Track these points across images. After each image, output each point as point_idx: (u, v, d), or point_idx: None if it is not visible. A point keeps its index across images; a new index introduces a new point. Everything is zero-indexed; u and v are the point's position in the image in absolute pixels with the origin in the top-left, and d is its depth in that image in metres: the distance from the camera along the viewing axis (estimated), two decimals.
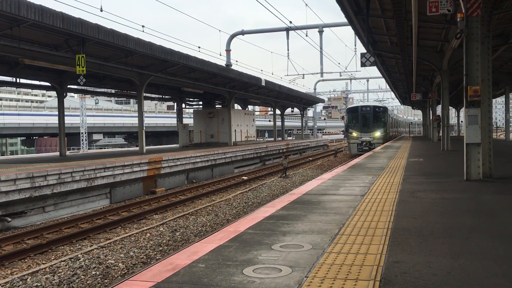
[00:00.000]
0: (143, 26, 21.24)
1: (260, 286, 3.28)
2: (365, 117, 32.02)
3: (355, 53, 36.32)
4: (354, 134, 31.63)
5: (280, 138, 49.86)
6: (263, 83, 30.29)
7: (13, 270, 8.45)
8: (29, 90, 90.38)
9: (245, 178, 22.23)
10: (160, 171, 18.37)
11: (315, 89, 65.19)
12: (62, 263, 8.60)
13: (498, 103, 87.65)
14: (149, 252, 9.39)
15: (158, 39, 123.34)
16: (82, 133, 41.24)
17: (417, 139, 39.55)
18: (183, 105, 34.52)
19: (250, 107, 46.20)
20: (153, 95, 31.54)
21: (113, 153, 24.46)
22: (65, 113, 23.15)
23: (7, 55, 15.69)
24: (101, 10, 16.72)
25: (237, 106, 38.08)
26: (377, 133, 31.51)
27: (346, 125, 33.55)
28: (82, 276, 7.84)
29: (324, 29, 34.91)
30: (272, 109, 45.58)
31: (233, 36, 35.38)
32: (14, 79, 20.90)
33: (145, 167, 17.33)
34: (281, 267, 3.69)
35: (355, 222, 5.42)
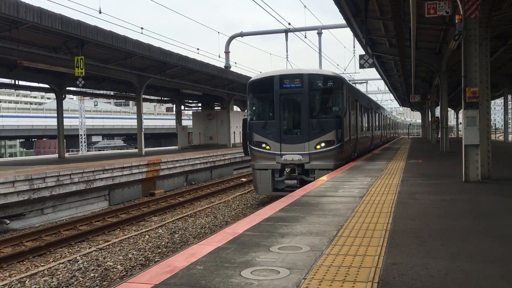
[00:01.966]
0: (142, 28, 21.28)
1: None
2: (292, 104, 13.77)
3: (354, 55, 36.27)
4: (266, 146, 13.47)
5: None
6: None
7: (11, 273, 8.44)
8: (28, 92, 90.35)
9: (244, 180, 22.23)
10: (159, 173, 18.36)
11: None
12: (61, 265, 8.59)
13: (497, 105, 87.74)
14: (148, 254, 9.38)
15: (157, 41, 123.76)
16: (81, 135, 41.23)
17: (416, 141, 39.60)
18: (182, 107, 34.54)
19: None
20: (152, 97, 31.55)
21: (112, 155, 24.44)
22: (64, 115, 23.14)
23: (5, 57, 15.69)
24: (100, 12, 16.70)
25: (236, 108, 38.08)
26: (322, 144, 13.16)
27: (246, 126, 14.09)
28: (80, 279, 7.83)
29: (323, 30, 34.92)
30: None
31: (232, 38, 35.40)
32: (12, 81, 20.91)
33: (144, 169, 17.32)
34: (279, 269, 3.69)
35: (354, 223, 5.42)
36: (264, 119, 13.74)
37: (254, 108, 14.31)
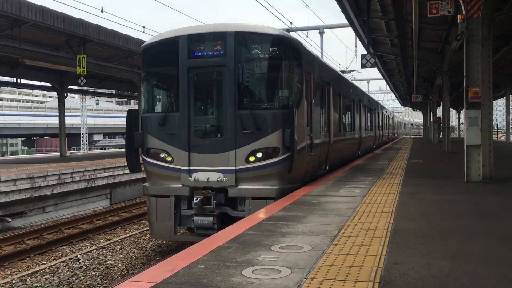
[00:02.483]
0: (143, 27, 21.22)
1: (259, 287, 3.28)
2: (210, 85, 8.74)
3: (356, 55, 36.23)
4: (166, 157, 8.25)
5: None
6: None
7: (13, 271, 8.45)
8: (30, 91, 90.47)
9: None
10: None
11: None
12: (62, 263, 8.60)
13: (499, 105, 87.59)
14: (149, 253, 9.39)
15: None
16: (82, 133, 41.25)
17: (418, 141, 39.57)
18: None
19: None
20: None
21: (114, 154, 24.45)
22: (66, 114, 23.17)
23: (8, 55, 15.72)
24: (102, 11, 16.70)
25: None
26: (259, 154, 7.94)
27: (134, 122, 8.58)
28: (81, 277, 7.84)
29: (324, 30, 34.89)
30: None
31: None
32: (14, 80, 20.94)
33: None
34: (281, 268, 3.68)
35: (355, 223, 5.41)
36: (163, 111, 8.51)
37: (148, 92, 9.02)
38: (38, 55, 16.01)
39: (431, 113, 35.28)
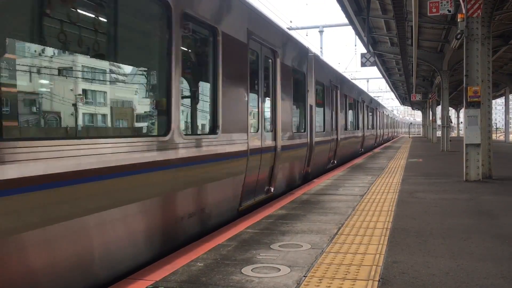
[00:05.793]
0: None
1: (259, 286, 3.28)
2: None
3: (355, 54, 36.28)
4: None
5: None
6: None
7: None
8: None
9: None
10: None
11: None
12: None
13: (498, 104, 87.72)
14: None
15: None
16: None
17: (417, 140, 39.61)
18: None
19: None
20: None
21: None
22: None
23: None
24: None
25: None
26: None
27: None
28: None
29: (324, 29, 34.89)
30: None
31: None
32: None
33: None
34: (280, 267, 3.69)
35: (354, 222, 5.42)
36: None
37: None
38: None
39: (431, 112, 35.34)
